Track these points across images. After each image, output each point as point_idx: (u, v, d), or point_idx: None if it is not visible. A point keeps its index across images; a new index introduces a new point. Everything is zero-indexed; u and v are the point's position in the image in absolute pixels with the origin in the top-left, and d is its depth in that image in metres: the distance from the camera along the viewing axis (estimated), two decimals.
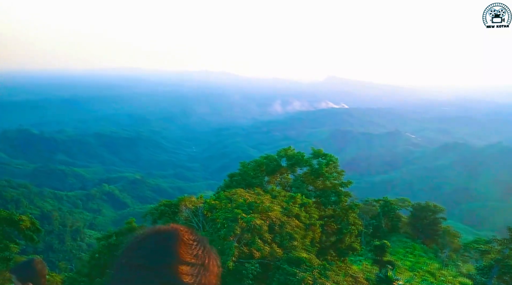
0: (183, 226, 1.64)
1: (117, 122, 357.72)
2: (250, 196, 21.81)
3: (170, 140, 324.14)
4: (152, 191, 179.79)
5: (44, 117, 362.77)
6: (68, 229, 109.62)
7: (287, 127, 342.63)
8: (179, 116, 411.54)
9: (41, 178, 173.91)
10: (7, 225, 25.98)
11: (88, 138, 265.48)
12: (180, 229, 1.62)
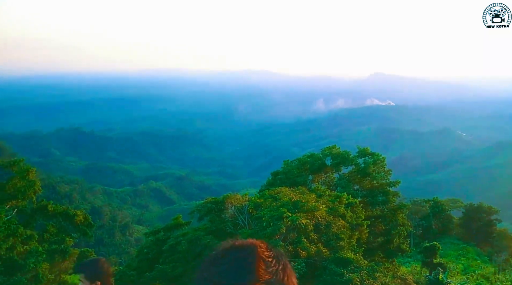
0: (261, 241, 1.62)
1: (163, 121, 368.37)
2: (295, 195, 21.72)
3: (214, 138, 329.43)
4: (197, 188, 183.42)
5: (94, 116, 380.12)
6: (118, 224, 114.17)
7: (330, 125, 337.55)
8: (222, 115, 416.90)
9: (92, 174, 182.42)
10: (63, 220, 27.42)
11: (135, 137, 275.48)
12: (259, 245, 1.59)
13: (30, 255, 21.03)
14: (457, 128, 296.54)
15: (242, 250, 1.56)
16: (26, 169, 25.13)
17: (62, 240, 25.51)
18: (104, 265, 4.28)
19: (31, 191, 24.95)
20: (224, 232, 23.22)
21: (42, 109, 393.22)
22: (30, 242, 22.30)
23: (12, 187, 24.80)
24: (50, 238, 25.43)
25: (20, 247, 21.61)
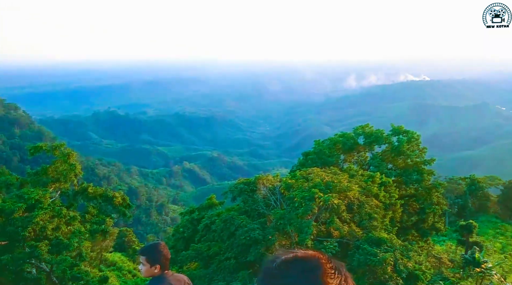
0: (320, 252, 1.58)
1: (195, 103, 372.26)
2: (326, 175, 21.67)
3: (244, 119, 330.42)
4: (229, 168, 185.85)
5: (129, 100, 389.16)
6: (154, 204, 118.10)
7: (362, 103, 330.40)
8: (253, 95, 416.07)
9: (128, 156, 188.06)
10: (103, 201, 28.64)
11: (168, 119, 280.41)
12: (321, 257, 1.54)
13: (74, 235, 22.13)
14: (495, 102, 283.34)
15: (308, 262, 1.50)
16: (67, 153, 26.27)
17: (103, 220, 26.68)
18: (163, 249, 4.48)
19: (72, 174, 26.14)
20: (257, 212, 23.58)
21: (79, 94, 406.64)
22: (73, 223, 23.46)
23: (55, 171, 26.08)
24: (92, 219, 26.66)
25: (65, 228, 22.79)
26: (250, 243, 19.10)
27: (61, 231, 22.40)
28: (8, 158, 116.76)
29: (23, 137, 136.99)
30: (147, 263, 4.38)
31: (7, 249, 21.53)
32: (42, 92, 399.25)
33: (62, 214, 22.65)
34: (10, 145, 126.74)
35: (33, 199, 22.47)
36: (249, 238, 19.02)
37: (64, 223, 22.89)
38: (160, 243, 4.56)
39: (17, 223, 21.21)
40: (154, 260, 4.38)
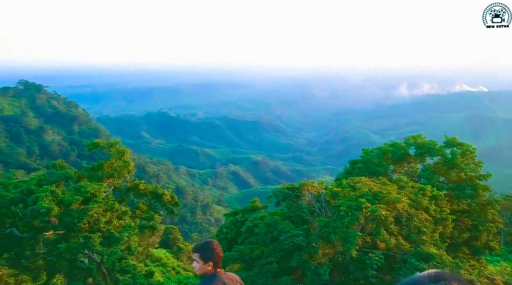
0: (444, 271, 1.53)
1: (242, 106, 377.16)
2: (375, 185, 21.20)
3: (290, 124, 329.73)
4: (273, 173, 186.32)
5: (180, 102, 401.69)
6: (199, 204, 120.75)
7: (414, 112, 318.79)
8: (299, 100, 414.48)
9: (177, 156, 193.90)
10: (152, 198, 29.74)
11: (216, 122, 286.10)
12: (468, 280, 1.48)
13: (124, 229, 23.14)
14: None
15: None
16: (122, 151, 27.60)
17: (152, 217, 27.68)
18: (216, 247, 4.57)
19: (126, 170, 27.41)
20: (301, 218, 23.49)
21: (134, 94, 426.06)
22: (124, 217, 24.56)
23: (110, 167, 27.46)
24: (141, 214, 27.76)
25: (116, 221, 23.91)
26: (293, 249, 19.06)
27: (113, 224, 23.52)
28: (67, 152, 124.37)
29: (81, 133, 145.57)
30: (200, 260, 4.49)
31: (64, 238, 22.93)
32: (100, 92, 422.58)
33: (115, 209, 23.79)
34: (69, 141, 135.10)
35: (89, 193, 23.80)
36: (292, 243, 18.98)
37: (116, 217, 24.02)
38: (213, 241, 4.63)
39: (73, 214, 22.54)
40: (207, 257, 4.47)
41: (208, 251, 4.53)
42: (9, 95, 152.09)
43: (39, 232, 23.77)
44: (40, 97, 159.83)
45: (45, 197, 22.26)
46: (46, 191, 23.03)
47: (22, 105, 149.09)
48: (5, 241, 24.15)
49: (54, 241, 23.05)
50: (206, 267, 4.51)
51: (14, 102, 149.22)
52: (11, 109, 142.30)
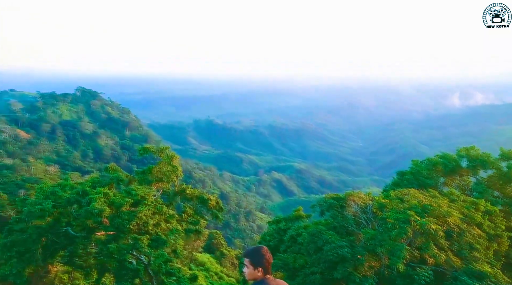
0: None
1: (287, 114, 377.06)
2: (424, 197, 20.48)
3: (335, 133, 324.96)
4: (317, 182, 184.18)
5: (227, 109, 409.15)
6: (243, 210, 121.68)
7: (466, 123, 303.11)
8: (345, 109, 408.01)
9: (222, 162, 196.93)
10: (198, 203, 30.43)
11: (261, 129, 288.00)
12: None
13: (171, 232, 23.86)
14: None
15: None
16: (171, 156, 28.60)
17: (197, 221, 28.31)
18: (266, 253, 4.65)
19: (174, 175, 28.33)
20: (346, 229, 23.10)
21: (183, 102, 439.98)
22: (171, 221, 25.32)
23: (159, 171, 28.50)
24: (187, 218, 28.46)
25: (164, 224, 24.70)
26: (337, 260, 18.78)
27: (161, 227, 24.31)
28: (118, 156, 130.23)
29: (132, 138, 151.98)
30: (250, 265, 4.59)
31: (114, 238, 23.98)
32: (151, 99, 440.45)
33: (163, 212, 24.62)
34: (121, 145, 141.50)
35: (138, 196, 24.80)
36: (336, 255, 18.71)
37: (164, 220, 24.82)
38: (263, 247, 4.70)
39: (124, 216, 23.55)
40: (257, 262, 4.56)
41: (258, 256, 4.61)
42: (67, 101, 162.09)
43: (92, 232, 25.01)
44: (96, 103, 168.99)
45: (98, 198, 23.45)
46: (99, 193, 24.28)
47: (79, 110, 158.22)
48: (61, 239, 25.63)
49: (105, 241, 24.17)
50: (256, 272, 4.58)
51: (72, 107, 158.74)
52: (69, 114, 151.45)
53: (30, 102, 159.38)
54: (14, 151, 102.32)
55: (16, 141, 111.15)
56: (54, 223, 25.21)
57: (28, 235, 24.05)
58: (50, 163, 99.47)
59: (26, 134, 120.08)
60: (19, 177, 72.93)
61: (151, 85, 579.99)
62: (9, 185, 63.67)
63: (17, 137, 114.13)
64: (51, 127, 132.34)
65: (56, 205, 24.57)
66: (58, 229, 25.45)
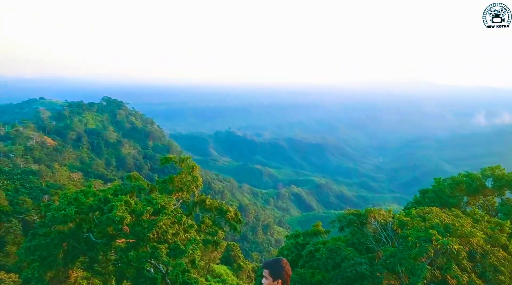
0: None
1: (309, 128, 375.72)
2: (446, 217, 20.06)
3: (357, 148, 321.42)
4: (336, 197, 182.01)
5: (248, 121, 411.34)
6: (261, 223, 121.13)
7: (492, 142, 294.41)
8: (367, 124, 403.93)
9: (242, 174, 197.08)
10: (217, 214, 30.55)
11: (281, 142, 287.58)
12: None
13: (190, 242, 23.95)
14: None
15: None
16: (192, 166, 28.95)
17: (215, 232, 28.39)
18: (286, 265, 4.68)
19: (194, 185, 28.62)
20: (365, 246, 22.78)
21: (205, 113, 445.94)
22: (190, 231, 25.47)
23: (180, 181, 28.85)
24: (206, 229, 28.60)
25: (182, 234, 24.86)
26: (356, 277, 18.52)
27: (179, 237, 24.47)
28: (140, 165, 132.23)
29: (154, 148, 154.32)
30: (269, 276, 4.61)
31: (134, 246, 24.28)
32: (174, 110, 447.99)
33: (182, 221, 24.83)
34: (143, 155, 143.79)
35: (159, 205, 25.13)
36: (355, 272, 18.47)
37: (183, 229, 25.00)
38: (283, 259, 4.74)
39: (144, 224, 23.85)
40: (277, 274, 4.59)
41: (278, 268, 4.63)
42: (93, 110, 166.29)
43: (112, 239, 25.42)
44: (120, 113, 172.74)
45: (119, 206, 23.87)
46: (120, 200, 24.71)
47: (104, 119, 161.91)
48: (82, 245, 26.14)
49: (125, 248, 24.48)
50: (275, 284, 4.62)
51: (97, 116, 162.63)
52: (94, 123, 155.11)
53: (57, 110, 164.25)
54: (41, 157, 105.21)
55: (42, 148, 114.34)
56: (76, 229, 25.77)
57: (51, 239, 24.63)
58: (74, 170, 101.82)
59: (53, 141, 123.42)
60: (44, 182, 74.84)
61: (175, 96, 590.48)
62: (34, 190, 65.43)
63: (44, 144, 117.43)
64: (76, 135, 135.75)
65: (78, 211, 25.12)
66: (79, 235, 25.99)
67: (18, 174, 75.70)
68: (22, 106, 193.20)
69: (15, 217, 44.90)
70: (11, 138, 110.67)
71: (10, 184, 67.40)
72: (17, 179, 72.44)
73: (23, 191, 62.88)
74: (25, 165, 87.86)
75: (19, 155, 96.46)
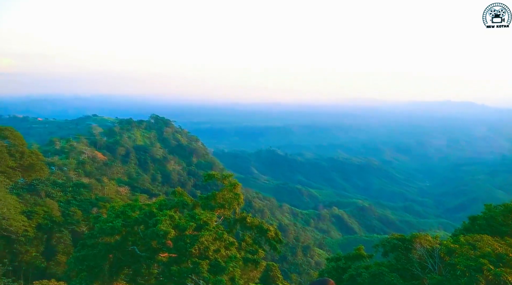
0: None
1: (351, 149, 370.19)
2: (499, 245, 19.03)
3: (402, 171, 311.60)
4: (379, 221, 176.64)
5: (289, 141, 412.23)
6: (300, 244, 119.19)
7: None
8: (413, 147, 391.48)
9: (282, 194, 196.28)
10: (258, 232, 30.58)
11: (323, 163, 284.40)
12: None
13: (230, 260, 24.12)
14: None
15: None
16: (234, 183, 29.39)
17: (256, 250, 28.40)
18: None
19: (236, 202, 28.97)
20: (410, 273, 21.98)
21: (247, 132, 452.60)
22: (231, 248, 25.66)
23: (222, 197, 29.33)
24: (246, 247, 28.70)
25: (223, 251, 25.09)
26: None
27: (220, 253, 24.73)
28: (184, 182, 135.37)
29: (198, 165, 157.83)
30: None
31: (176, 261, 24.79)
32: (218, 128, 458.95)
33: (223, 238, 25.11)
34: (187, 171, 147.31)
35: (201, 220, 25.64)
36: None
37: (224, 246, 25.24)
38: (329, 280, 4.84)
39: (186, 239, 24.35)
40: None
41: None
42: (142, 127, 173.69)
43: (156, 252, 26.11)
44: (167, 130, 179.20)
45: (164, 220, 24.60)
46: (165, 215, 25.47)
47: (151, 136, 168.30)
48: (127, 257, 27.01)
49: (167, 263, 25.05)
50: None
51: (145, 133, 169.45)
52: (142, 140, 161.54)
53: (108, 126, 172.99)
54: (91, 171, 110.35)
55: (93, 162, 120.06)
56: (121, 241, 26.71)
57: (98, 250, 25.66)
58: (122, 184, 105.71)
59: (103, 156, 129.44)
60: (94, 195, 78.16)
61: (219, 115, 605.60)
62: (84, 203, 68.43)
63: (95, 158, 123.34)
64: (125, 150, 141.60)
65: (125, 224, 26.09)
66: (125, 247, 26.89)
67: (70, 187, 79.65)
68: (77, 122, 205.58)
69: (66, 228, 47.06)
70: (66, 152, 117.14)
71: (62, 196, 71.01)
72: (69, 191, 76.21)
73: (74, 203, 65.93)
74: (77, 178, 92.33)
75: (72, 169, 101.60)
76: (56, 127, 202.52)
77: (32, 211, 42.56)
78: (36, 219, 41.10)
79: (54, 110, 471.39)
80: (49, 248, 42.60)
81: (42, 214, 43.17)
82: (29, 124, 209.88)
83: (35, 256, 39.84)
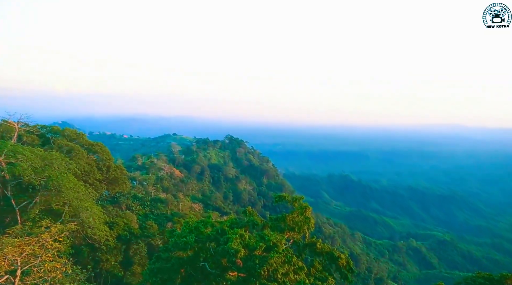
0: None
1: (432, 178, 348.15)
2: None
3: (490, 204, 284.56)
4: (462, 257, 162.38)
5: (364, 166, 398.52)
6: (373, 276, 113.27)
7: None
8: (504, 179, 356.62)
9: (354, 221, 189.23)
10: (328, 259, 29.54)
11: (400, 191, 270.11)
12: None
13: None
14: None
15: None
16: (304, 207, 28.96)
17: (325, 278, 27.40)
18: None
19: (306, 226, 28.43)
20: None
21: (319, 156, 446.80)
22: (300, 273, 25.07)
23: (292, 220, 28.98)
24: (315, 273, 27.84)
25: (292, 275, 24.59)
26: None
27: (289, 277, 24.27)
28: (254, 201, 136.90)
29: (268, 186, 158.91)
30: None
31: (244, 281, 24.80)
32: (289, 150, 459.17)
33: (292, 262, 24.67)
34: (258, 191, 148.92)
35: (271, 242, 25.45)
36: None
37: (292, 270, 24.77)
38: None
39: (256, 260, 24.29)
40: None
41: None
42: (217, 147, 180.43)
43: (225, 270, 26.35)
44: (240, 151, 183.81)
45: (234, 239, 24.84)
46: (236, 233, 25.74)
47: (225, 156, 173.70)
48: (197, 273, 27.59)
49: (236, 282, 25.12)
50: None
51: (220, 153, 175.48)
52: (216, 159, 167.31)
53: (186, 145, 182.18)
54: (168, 187, 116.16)
55: (171, 178, 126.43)
56: (194, 257, 27.42)
57: (172, 264, 26.58)
58: (196, 201, 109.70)
59: (180, 173, 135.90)
60: (169, 210, 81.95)
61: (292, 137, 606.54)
62: (160, 217, 72.01)
63: (173, 175, 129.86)
64: (200, 168, 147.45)
65: (197, 240, 26.83)
66: (196, 263, 27.54)
67: (148, 201, 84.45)
68: (158, 140, 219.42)
69: (143, 240, 49.65)
70: (146, 168, 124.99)
71: (141, 209, 75.43)
72: (147, 205, 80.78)
73: (151, 217, 69.66)
74: (155, 193, 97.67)
75: (151, 184, 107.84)
76: (139, 144, 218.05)
77: (114, 222, 45.61)
78: (117, 229, 43.91)
79: (140, 128, 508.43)
80: (127, 258, 45.10)
81: (122, 226, 46.07)
82: (116, 141, 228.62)
83: (114, 265, 42.39)
